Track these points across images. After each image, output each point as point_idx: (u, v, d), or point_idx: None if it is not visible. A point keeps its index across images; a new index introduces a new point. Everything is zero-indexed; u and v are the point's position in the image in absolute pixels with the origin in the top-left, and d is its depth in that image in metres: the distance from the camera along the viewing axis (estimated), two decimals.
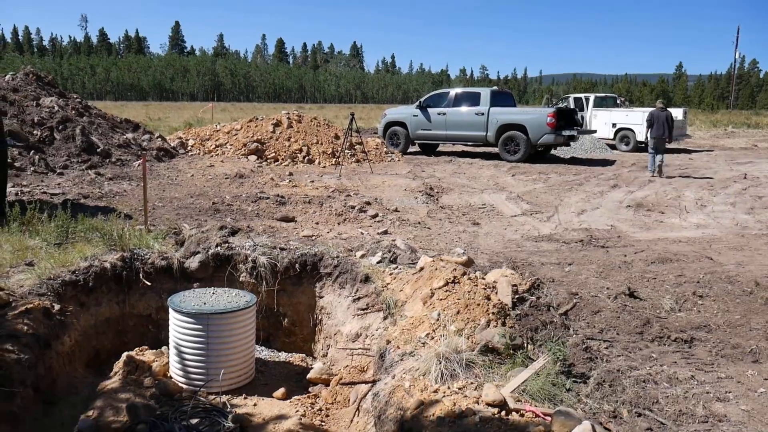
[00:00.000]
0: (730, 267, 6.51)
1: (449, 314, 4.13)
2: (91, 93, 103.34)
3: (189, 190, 10.49)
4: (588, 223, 9.11)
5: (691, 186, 13.08)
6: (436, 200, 10.74)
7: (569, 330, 4.54)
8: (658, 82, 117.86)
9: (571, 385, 3.53)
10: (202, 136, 16.72)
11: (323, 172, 13.96)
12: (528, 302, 4.81)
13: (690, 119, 32.98)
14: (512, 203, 10.67)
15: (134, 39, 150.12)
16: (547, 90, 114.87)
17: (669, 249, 7.34)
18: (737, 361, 4.20)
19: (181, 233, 6.30)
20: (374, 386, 3.83)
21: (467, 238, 7.84)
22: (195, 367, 4.51)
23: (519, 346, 3.81)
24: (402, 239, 6.83)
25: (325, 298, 5.77)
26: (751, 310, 5.14)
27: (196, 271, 5.74)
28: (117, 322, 5.57)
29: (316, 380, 4.84)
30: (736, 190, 12.57)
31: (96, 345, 5.30)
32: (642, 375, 3.84)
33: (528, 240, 7.85)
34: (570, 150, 20.32)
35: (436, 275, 4.81)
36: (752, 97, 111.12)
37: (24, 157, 11.62)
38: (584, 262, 6.64)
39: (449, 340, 3.67)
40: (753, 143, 26.46)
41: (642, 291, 5.58)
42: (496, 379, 3.41)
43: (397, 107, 22.25)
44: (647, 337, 4.57)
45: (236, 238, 6.27)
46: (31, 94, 14.17)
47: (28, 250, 5.66)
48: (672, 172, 15.48)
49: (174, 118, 34.43)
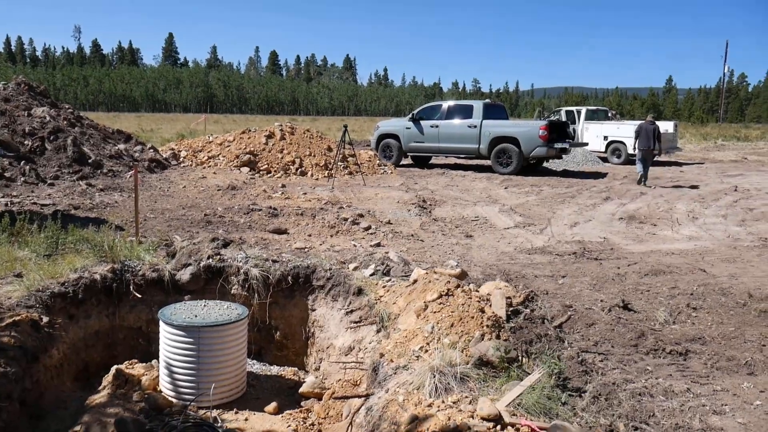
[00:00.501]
0: (723, 279, 6.52)
1: (443, 327, 4.09)
2: (83, 104, 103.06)
3: (181, 201, 10.43)
4: (581, 235, 9.11)
5: (682, 198, 13.13)
6: (429, 212, 10.72)
7: (564, 343, 4.51)
8: (648, 96, 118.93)
9: (566, 398, 3.50)
10: (194, 147, 16.66)
11: (316, 184, 13.93)
12: (522, 315, 4.78)
13: (680, 132, 33.20)
14: (505, 216, 10.67)
15: (127, 50, 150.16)
16: (538, 103, 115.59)
17: (662, 261, 7.34)
18: (732, 373, 4.18)
19: (173, 245, 6.25)
20: (368, 400, 3.78)
21: (460, 250, 7.82)
22: (185, 381, 4.44)
23: (514, 359, 3.77)
24: (395, 252, 6.79)
25: (318, 310, 5.72)
26: (745, 322, 5.13)
27: (188, 284, 5.68)
28: (106, 334, 5.49)
29: (308, 394, 4.78)
30: (727, 203, 12.63)
31: (85, 358, 5.22)
32: (638, 388, 3.81)
33: (521, 252, 7.84)
34: (562, 163, 20.39)
35: (429, 288, 4.77)
36: (741, 110, 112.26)
37: (14, 167, 11.53)
38: (578, 274, 6.63)
39: (443, 354, 3.64)
40: (743, 156, 26.66)
41: (636, 303, 5.56)
42: (491, 392, 3.37)
43: (390, 120, 22.30)
44: (642, 349, 4.54)
45: (228, 250, 6.22)
46: (22, 104, 14.10)
47: (16, 262, 5.59)
48: (664, 184, 15.56)
49: (166, 129, 34.37)
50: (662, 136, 16.48)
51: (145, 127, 36.74)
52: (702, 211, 11.48)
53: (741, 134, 44.28)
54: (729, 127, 58.30)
